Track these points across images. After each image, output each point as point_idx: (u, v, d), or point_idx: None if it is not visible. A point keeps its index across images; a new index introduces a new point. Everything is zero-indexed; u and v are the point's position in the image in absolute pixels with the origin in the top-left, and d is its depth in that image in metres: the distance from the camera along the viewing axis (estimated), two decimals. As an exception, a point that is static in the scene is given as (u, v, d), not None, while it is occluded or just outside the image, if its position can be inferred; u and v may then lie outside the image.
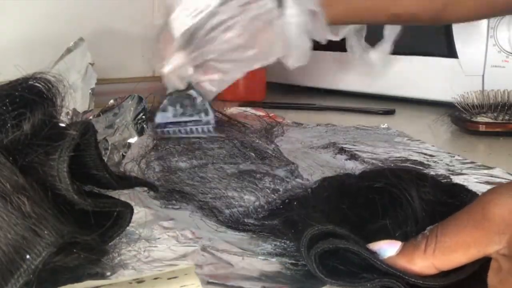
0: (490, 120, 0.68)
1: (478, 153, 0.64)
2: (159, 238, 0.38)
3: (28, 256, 0.28)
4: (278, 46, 0.60)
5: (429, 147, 0.63)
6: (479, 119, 0.69)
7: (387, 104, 0.89)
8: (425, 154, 0.60)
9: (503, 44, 0.77)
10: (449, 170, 0.54)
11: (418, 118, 0.83)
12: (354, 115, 0.85)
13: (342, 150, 0.61)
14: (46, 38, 0.82)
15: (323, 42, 0.64)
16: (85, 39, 0.72)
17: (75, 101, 0.62)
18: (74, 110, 0.58)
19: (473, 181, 0.51)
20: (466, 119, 0.70)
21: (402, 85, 0.89)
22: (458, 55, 0.81)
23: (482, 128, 0.68)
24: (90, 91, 0.64)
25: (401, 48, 0.89)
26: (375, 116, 0.84)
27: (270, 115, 0.77)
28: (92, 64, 0.68)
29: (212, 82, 0.64)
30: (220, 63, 0.61)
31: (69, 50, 0.69)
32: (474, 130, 0.69)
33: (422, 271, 0.30)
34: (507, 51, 0.77)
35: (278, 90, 1.04)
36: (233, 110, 0.79)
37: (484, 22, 0.78)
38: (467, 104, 0.70)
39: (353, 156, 0.59)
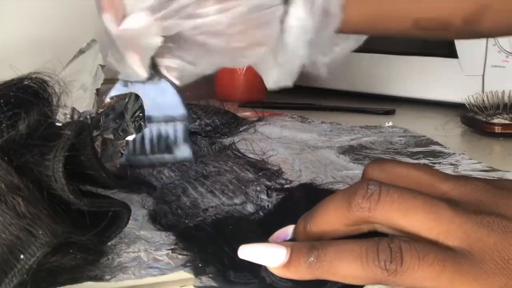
0: (507, 122, 0.68)
1: (496, 154, 0.64)
2: (158, 242, 0.38)
3: (22, 256, 0.28)
4: (267, 51, 0.47)
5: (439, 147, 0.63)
6: (496, 120, 0.68)
7: (387, 104, 0.89)
8: (437, 155, 0.61)
9: (503, 44, 0.77)
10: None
11: (418, 118, 0.83)
12: (354, 115, 0.85)
13: (346, 152, 0.61)
14: (58, 39, 0.82)
15: (316, 68, 0.49)
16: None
17: (84, 101, 0.62)
18: (73, 109, 0.58)
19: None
20: (481, 120, 0.69)
21: (402, 85, 0.89)
22: (458, 55, 0.81)
23: (498, 129, 0.67)
24: (95, 91, 0.64)
25: (401, 48, 0.90)
26: (375, 116, 0.84)
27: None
28: (102, 66, 0.68)
29: (177, 69, 0.48)
30: (194, 45, 0.45)
31: (81, 51, 0.69)
32: (490, 132, 0.68)
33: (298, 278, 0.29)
34: (507, 51, 0.77)
35: (278, 90, 1.04)
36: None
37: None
38: (480, 105, 0.70)
39: (357, 159, 0.59)
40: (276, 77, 0.49)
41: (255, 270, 0.31)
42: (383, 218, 0.28)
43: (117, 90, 0.51)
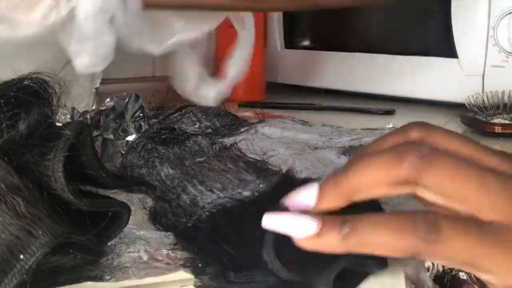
0: (507, 122, 0.68)
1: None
2: (159, 242, 0.38)
3: (22, 256, 0.28)
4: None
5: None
6: (496, 120, 0.68)
7: (387, 104, 0.89)
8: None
9: (503, 44, 0.77)
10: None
11: (418, 118, 0.82)
12: (354, 115, 0.85)
13: (347, 152, 0.61)
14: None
15: (137, 51, 0.45)
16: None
17: (82, 100, 0.62)
18: (73, 109, 0.58)
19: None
20: (481, 120, 0.69)
21: (402, 85, 0.89)
22: (458, 55, 0.81)
23: (498, 129, 0.67)
24: (94, 90, 0.64)
25: (401, 48, 0.90)
26: (375, 116, 0.84)
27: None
28: None
29: None
30: None
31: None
32: (490, 132, 0.68)
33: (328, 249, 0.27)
34: (507, 51, 0.77)
35: (278, 90, 1.04)
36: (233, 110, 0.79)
37: (484, 22, 0.78)
38: (480, 105, 0.70)
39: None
40: (87, 61, 0.45)
41: (256, 269, 0.31)
42: (433, 181, 0.27)
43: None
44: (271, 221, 0.28)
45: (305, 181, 0.41)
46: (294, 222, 0.28)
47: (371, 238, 0.26)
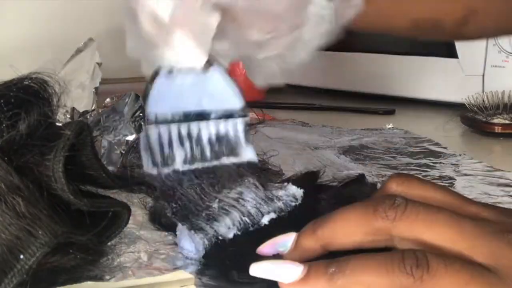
0: (507, 122, 0.68)
1: (496, 154, 0.64)
2: (159, 242, 0.38)
3: (22, 256, 0.28)
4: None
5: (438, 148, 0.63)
6: (496, 120, 0.68)
7: (387, 104, 0.89)
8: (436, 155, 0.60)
9: (503, 44, 0.77)
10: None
11: (418, 118, 0.83)
12: (354, 115, 0.85)
13: (347, 151, 0.61)
14: (56, 38, 0.82)
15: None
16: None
17: (82, 100, 0.62)
18: (73, 109, 0.58)
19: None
20: (481, 120, 0.69)
21: (402, 85, 0.89)
22: (458, 55, 0.81)
23: (498, 129, 0.67)
24: (93, 90, 0.64)
25: (401, 48, 0.90)
26: (375, 116, 0.84)
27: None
28: (99, 64, 0.68)
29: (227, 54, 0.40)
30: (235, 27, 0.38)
31: (79, 50, 0.70)
32: (490, 132, 0.68)
33: None
34: (507, 51, 0.77)
35: (278, 90, 1.04)
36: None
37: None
38: (480, 105, 0.70)
39: (357, 159, 0.59)
40: (271, 71, 0.41)
41: None
42: (407, 229, 0.28)
43: (161, 79, 0.40)
44: (258, 269, 0.29)
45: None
46: (279, 268, 0.28)
47: (359, 276, 0.26)
